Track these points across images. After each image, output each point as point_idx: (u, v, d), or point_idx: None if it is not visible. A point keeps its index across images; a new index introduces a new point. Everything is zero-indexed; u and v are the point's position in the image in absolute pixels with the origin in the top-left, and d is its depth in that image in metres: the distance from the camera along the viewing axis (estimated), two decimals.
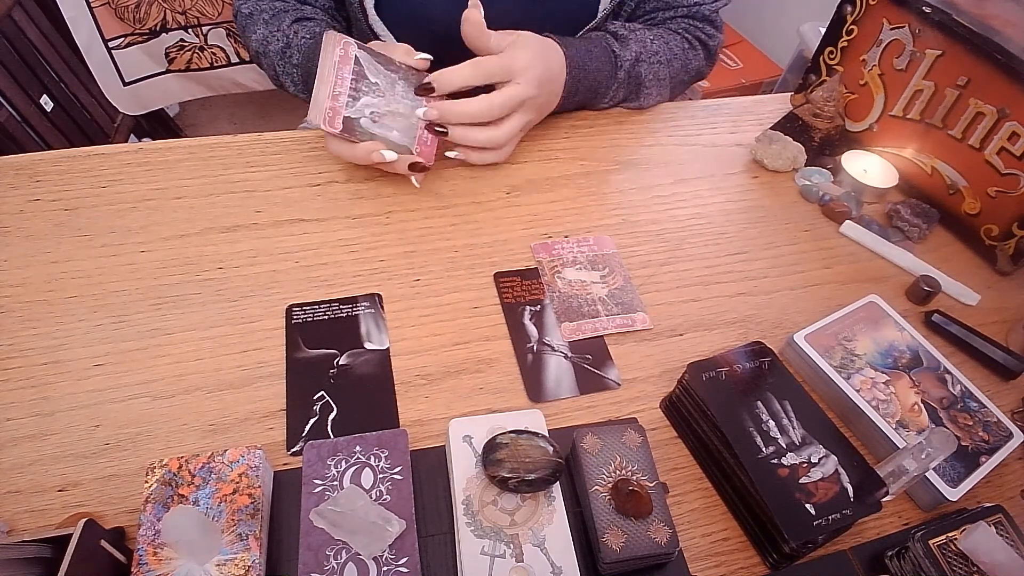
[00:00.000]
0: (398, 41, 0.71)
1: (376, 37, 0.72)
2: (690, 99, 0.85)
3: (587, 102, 0.75)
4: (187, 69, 1.58)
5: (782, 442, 0.46)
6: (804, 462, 0.45)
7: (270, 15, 0.73)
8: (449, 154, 0.66)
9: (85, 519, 0.38)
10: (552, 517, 0.43)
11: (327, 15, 0.77)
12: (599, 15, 0.74)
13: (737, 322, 0.60)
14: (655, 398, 0.54)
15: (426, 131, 0.63)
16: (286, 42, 0.70)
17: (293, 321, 0.55)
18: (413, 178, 0.64)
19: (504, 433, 0.45)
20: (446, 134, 0.63)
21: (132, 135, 1.61)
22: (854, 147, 0.76)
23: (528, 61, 0.62)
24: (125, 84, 1.52)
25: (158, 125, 1.73)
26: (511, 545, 0.42)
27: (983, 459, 0.50)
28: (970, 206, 0.69)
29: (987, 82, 0.63)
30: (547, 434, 0.46)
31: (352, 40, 0.59)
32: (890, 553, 0.45)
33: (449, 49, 0.65)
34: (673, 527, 0.42)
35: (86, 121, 1.41)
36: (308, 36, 0.70)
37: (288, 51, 0.70)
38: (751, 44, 1.99)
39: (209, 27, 1.51)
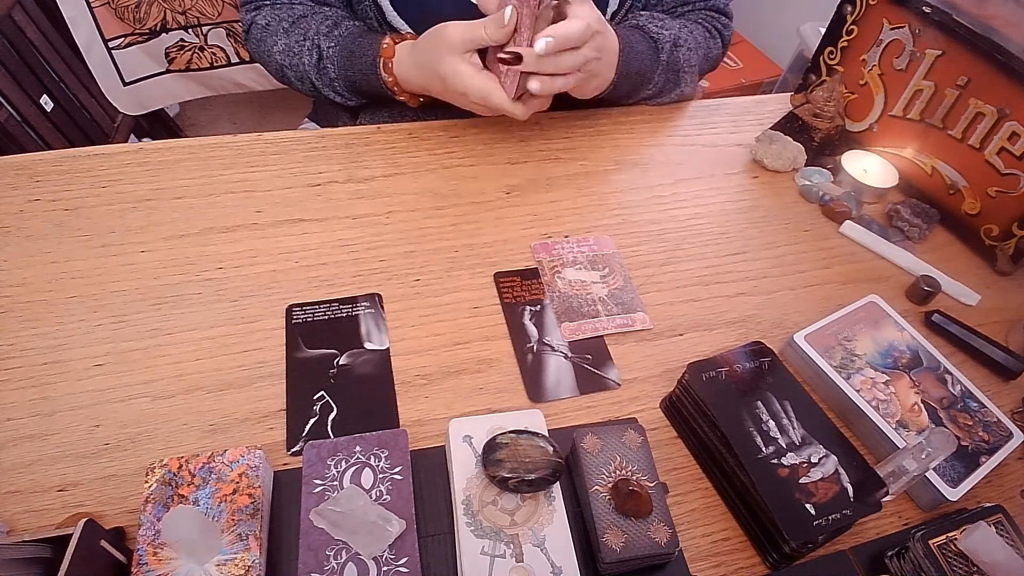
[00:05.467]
0: None
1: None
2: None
3: (632, 90, 0.74)
4: (187, 69, 1.58)
5: (782, 442, 0.46)
6: (804, 462, 0.45)
7: (289, 23, 0.72)
8: (532, 85, 0.61)
9: (85, 519, 0.38)
10: (552, 517, 0.43)
11: (346, 11, 0.76)
12: (608, 7, 0.73)
13: (737, 322, 0.59)
14: (655, 398, 0.54)
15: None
16: (319, 55, 0.70)
17: (293, 321, 0.55)
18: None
19: (504, 433, 0.45)
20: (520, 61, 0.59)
21: (132, 135, 1.61)
22: (854, 147, 0.76)
23: (589, 8, 0.61)
24: (125, 84, 1.51)
25: (158, 125, 1.73)
26: (511, 545, 0.42)
27: (983, 459, 0.50)
28: (970, 206, 0.69)
29: (987, 82, 0.63)
30: (547, 434, 0.46)
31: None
32: (890, 553, 0.45)
33: None
34: (673, 527, 0.42)
35: (86, 121, 1.41)
36: (334, 44, 0.69)
37: (322, 64, 0.70)
38: (751, 44, 1.98)
39: (209, 27, 1.51)
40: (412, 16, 0.70)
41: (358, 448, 0.45)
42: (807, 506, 0.43)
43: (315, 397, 0.51)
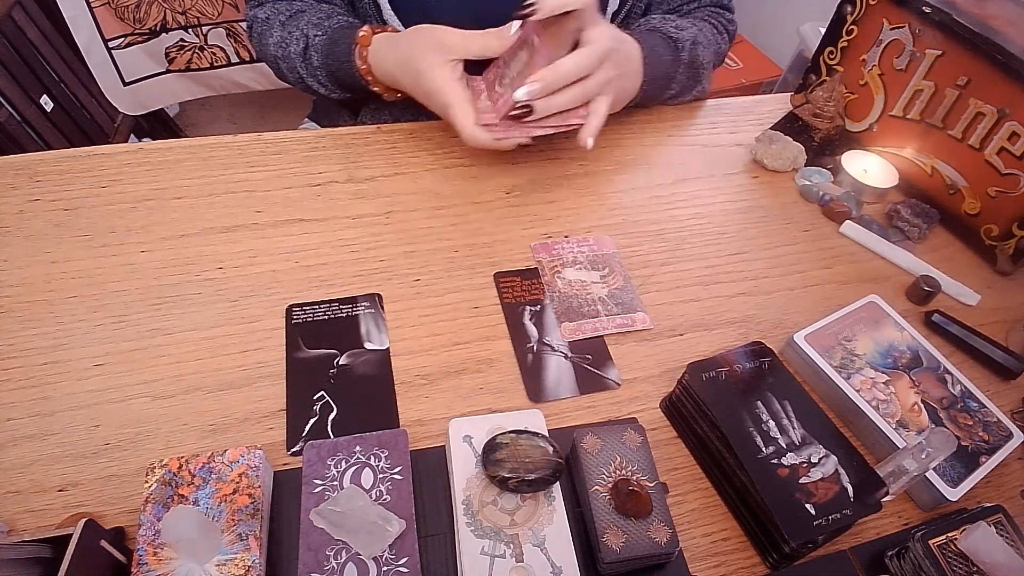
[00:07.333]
0: None
1: None
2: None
3: (659, 92, 0.75)
4: (187, 69, 1.58)
5: (782, 442, 0.46)
6: (804, 462, 0.45)
7: (286, 17, 0.72)
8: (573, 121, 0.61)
9: (85, 519, 0.38)
10: (552, 517, 0.43)
11: (345, 9, 0.77)
12: (607, 9, 0.73)
13: (737, 322, 0.59)
14: (655, 398, 0.54)
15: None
16: (305, 43, 0.70)
17: (293, 321, 0.55)
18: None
19: (504, 433, 0.45)
20: (531, 111, 0.59)
21: (132, 135, 1.61)
22: (854, 147, 0.76)
23: (603, 29, 0.61)
24: (125, 84, 1.52)
25: (158, 125, 1.73)
26: (511, 545, 0.42)
27: (983, 459, 0.50)
28: (970, 206, 0.69)
29: (987, 82, 0.63)
30: (547, 434, 0.46)
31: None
32: (890, 553, 0.45)
33: None
34: (673, 527, 0.42)
35: (86, 121, 1.41)
36: (322, 34, 0.69)
37: (307, 52, 0.70)
38: (751, 44, 1.99)
39: (209, 27, 1.51)
40: (409, 16, 0.70)
41: (358, 448, 0.45)
42: (807, 506, 0.43)
43: (315, 397, 0.51)
